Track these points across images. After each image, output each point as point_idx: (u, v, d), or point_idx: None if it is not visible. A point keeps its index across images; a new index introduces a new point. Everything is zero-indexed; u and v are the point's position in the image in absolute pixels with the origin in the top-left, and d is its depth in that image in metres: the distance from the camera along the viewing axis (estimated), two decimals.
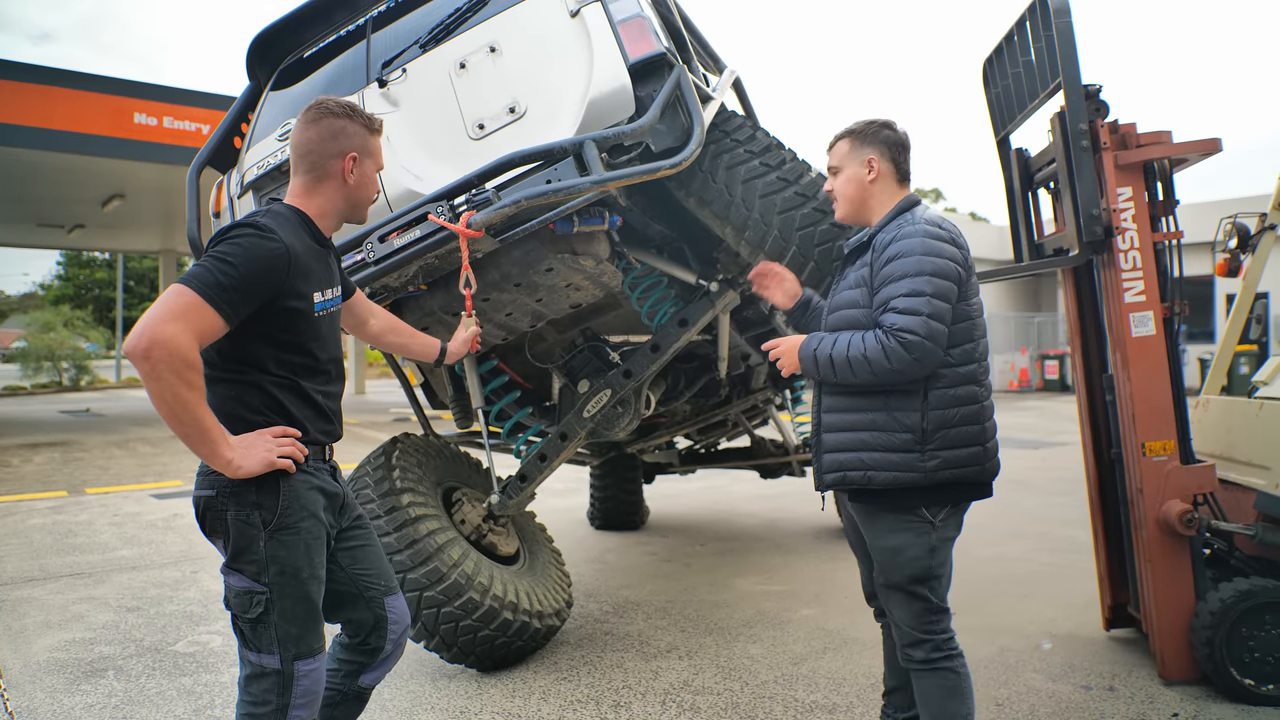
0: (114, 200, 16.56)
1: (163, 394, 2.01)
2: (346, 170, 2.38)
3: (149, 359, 1.98)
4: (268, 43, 4.22)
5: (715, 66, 4.86)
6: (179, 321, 2.02)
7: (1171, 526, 3.52)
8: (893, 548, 2.54)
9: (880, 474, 2.50)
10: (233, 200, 4.01)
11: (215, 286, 2.08)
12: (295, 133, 2.41)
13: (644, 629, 4.49)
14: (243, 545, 2.20)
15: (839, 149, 2.71)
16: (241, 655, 2.27)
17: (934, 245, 2.47)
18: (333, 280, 2.42)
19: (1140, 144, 3.61)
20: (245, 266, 2.12)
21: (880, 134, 2.65)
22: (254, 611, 2.21)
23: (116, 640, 4.43)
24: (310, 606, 2.27)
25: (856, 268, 2.60)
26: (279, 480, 2.22)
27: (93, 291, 50.07)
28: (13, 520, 7.54)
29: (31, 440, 13.65)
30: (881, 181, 2.64)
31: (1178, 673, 3.61)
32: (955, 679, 2.55)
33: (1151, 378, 3.60)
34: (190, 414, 2.04)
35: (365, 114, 2.45)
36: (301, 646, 2.24)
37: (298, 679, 2.23)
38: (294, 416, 2.29)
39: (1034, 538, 6.47)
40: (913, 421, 2.48)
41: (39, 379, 27.46)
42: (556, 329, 4.35)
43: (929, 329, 2.38)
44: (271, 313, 2.20)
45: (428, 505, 3.88)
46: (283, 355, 2.26)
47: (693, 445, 6.85)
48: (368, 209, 2.53)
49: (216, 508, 2.22)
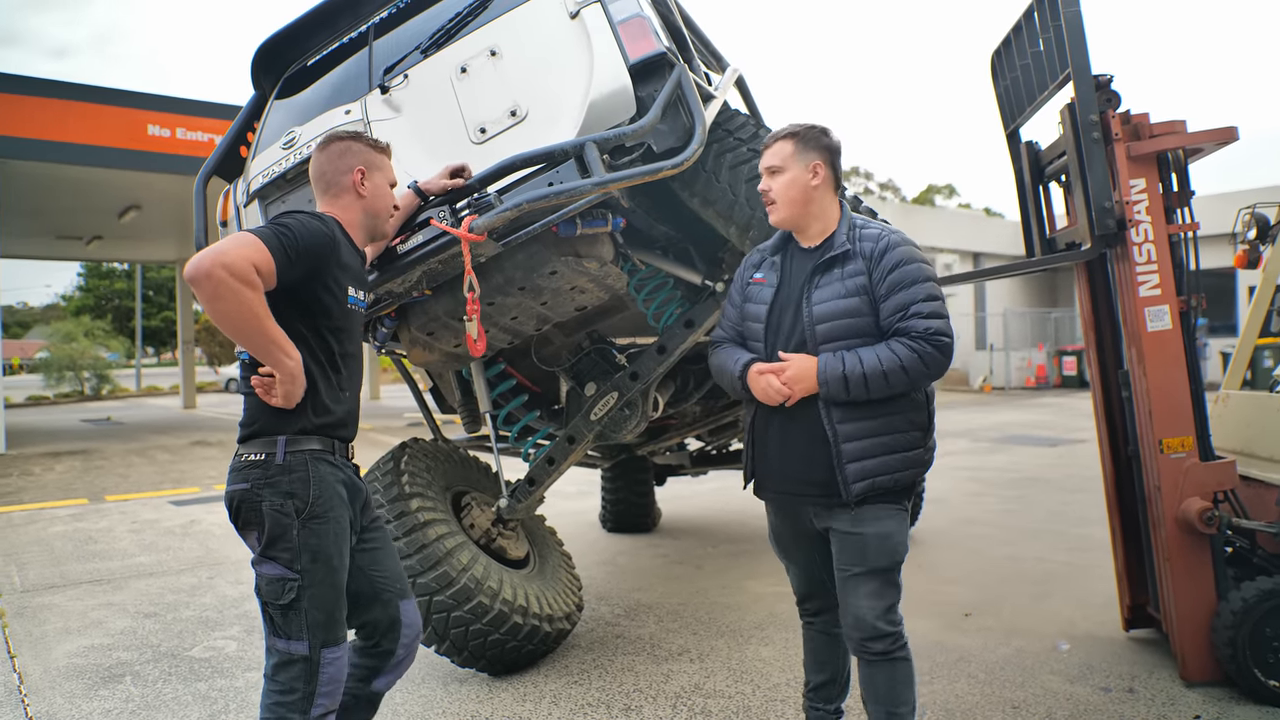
0: (130, 211, 16.68)
1: (227, 310, 2.16)
2: (358, 183, 2.57)
3: (211, 278, 2.11)
4: (272, 52, 4.22)
5: (718, 65, 4.82)
6: (239, 250, 2.18)
7: (1191, 524, 3.46)
8: (883, 534, 2.58)
9: (904, 474, 2.58)
10: (239, 209, 4.01)
11: (273, 238, 2.25)
12: (310, 165, 2.62)
13: (655, 632, 4.46)
14: (277, 533, 2.32)
15: (780, 149, 2.68)
16: (269, 646, 2.37)
17: (920, 253, 2.61)
18: (364, 282, 2.61)
19: (1153, 134, 3.55)
20: (301, 233, 2.31)
21: (823, 139, 2.68)
22: (286, 598, 2.31)
23: (134, 646, 4.45)
24: (338, 594, 2.40)
25: (840, 277, 2.59)
26: (311, 470, 2.35)
27: (112, 301, 50.59)
28: (35, 528, 7.61)
29: (54, 449, 13.78)
30: (823, 187, 2.67)
31: (1199, 674, 3.55)
32: (908, 667, 2.64)
33: (1168, 373, 3.54)
34: (257, 324, 2.20)
35: (370, 137, 2.67)
36: (328, 634, 2.35)
37: (323, 666, 2.34)
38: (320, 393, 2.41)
39: (1051, 536, 6.40)
40: (921, 419, 2.63)
41: (61, 388, 27.81)
42: (563, 332, 4.33)
43: (951, 329, 2.54)
44: (310, 291, 2.36)
45: (437, 510, 3.87)
46: (311, 339, 2.39)
47: (704, 447, 6.81)
48: (389, 223, 2.74)
49: (252, 499, 2.34)
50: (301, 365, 2.30)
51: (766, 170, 2.71)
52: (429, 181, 3.23)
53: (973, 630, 4.36)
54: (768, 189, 2.70)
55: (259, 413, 2.37)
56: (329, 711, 2.36)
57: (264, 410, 2.35)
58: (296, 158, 3.69)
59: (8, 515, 8.25)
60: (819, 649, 2.90)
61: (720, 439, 6.56)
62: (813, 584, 2.85)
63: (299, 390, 2.31)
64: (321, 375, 2.41)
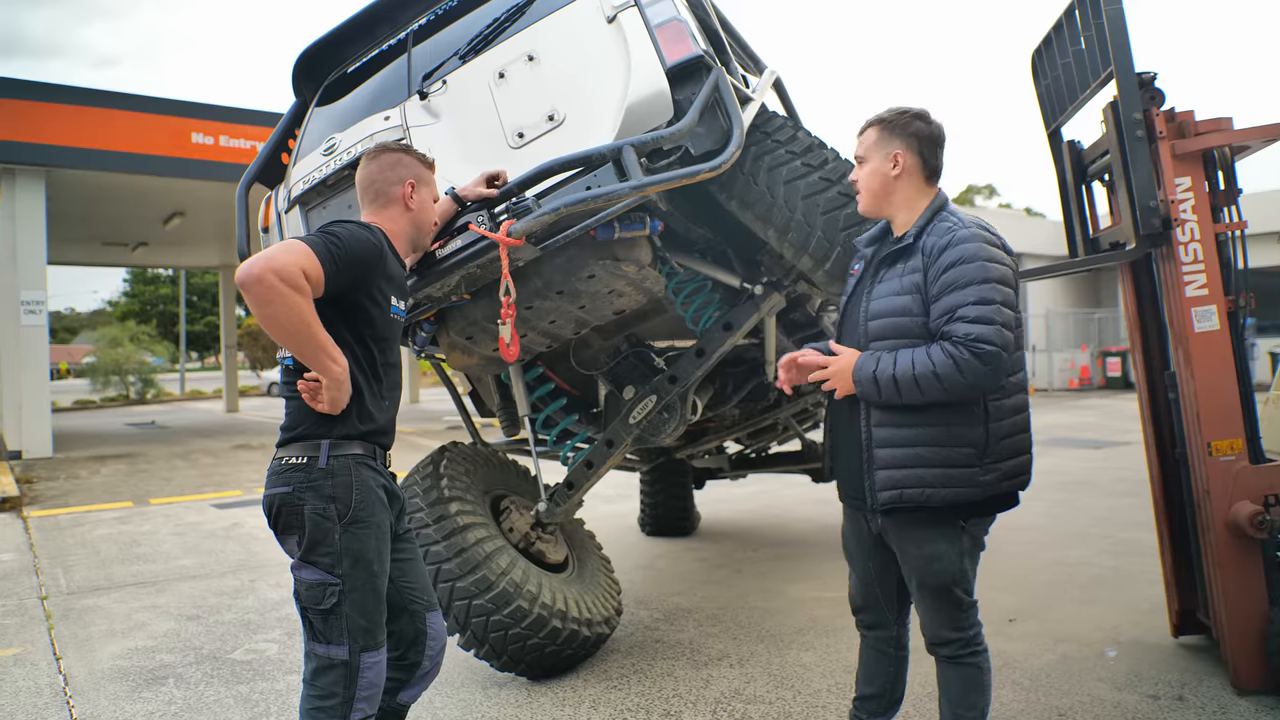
0: (175, 218, 16.98)
1: (276, 315, 2.17)
2: (407, 195, 2.60)
3: (262, 282, 2.13)
4: (312, 60, 4.28)
5: (755, 68, 4.81)
6: (289, 256, 2.20)
7: (1241, 529, 3.39)
8: (929, 555, 2.48)
9: (940, 491, 2.40)
10: (280, 215, 4.06)
11: (321, 246, 2.27)
12: (358, 173, 2.64)
13: (695, 636, 4.45)
14: (318, 538, 2.32)
15: (866, 137, 2.58)
16: (308, 650, 2.37)
17: (993, 252, 2.37)
18: (406, 293, 2.63)
19: (1199, 132, 3.48)
20: (349, 242, 2.33)
21: (911, 125, 2.50)
22: (327, 603, 2.31)
23: (177, 648, 4.52)
24: (378, 599, 2.39)
25: (901, 273, 2.46)
26: (354, 475, 2.36)
27: (157, 307, 51.59)
28: (81, 530, 7.76)
29: (99, 452, 14.05)
30: (906, 177, 2.51)
31: (1251, 682, 3.46)
32: (978, 673, 2.57)
33: (1216, 374, 3.47)
34: (306, 329, 2.22)
35: (419, 151, 2.71)
36: (368, 639, 2.35)
37: (363, 671, 2.33)
38: (365, 400, 2.43)
39: (1097, 540, 6.29)
40: (975, 436, 2.39)
41: (107, 392, 28.33)
42: (601, 335, 4.34)
43: (1003, 338, 2.30)
44: (356, 300, 2.38)
45: (476, 513, 3.89)
46: (356, 347, 2.41)
47: (743, 450, 6.79)
48: (430, 236, 2.77)
49: (293, 502, 2.34)
50: (348, 371, 2.32)
51: (855, 159, 2.63)
52: (466, 188, 3.25)
53: (1017, 636, 4.30)
54: (855, 179, 2.62)
55: (303, 417, 2.38)
56: (368, 716, 2.36)
57: (308, 415, 2.37)
58: (336, 164, 3.73)
59: (55, 518, 8.43)
60: (870, 663, 2.80)
61: (759, 442, 6.54)
62: (868, 595, 2.75)
63: (345, 396, 2.33)
64: (366, 382, 2.42)
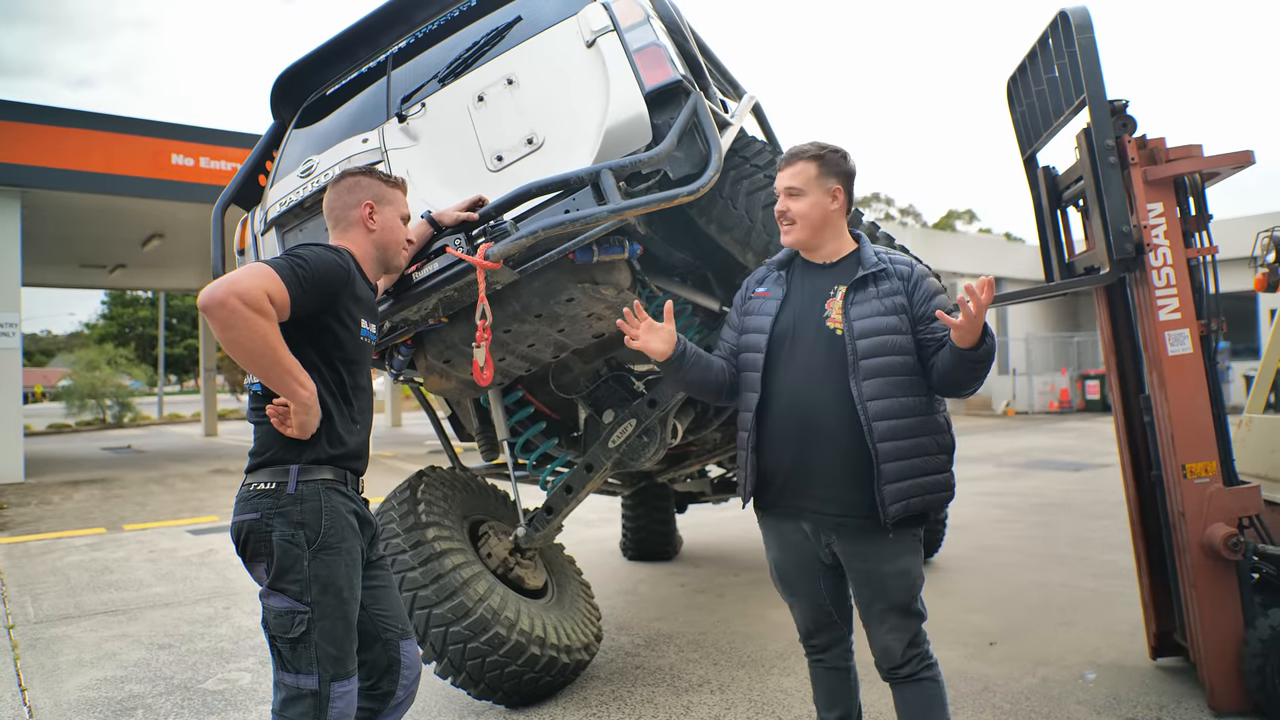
0: (154, 240, 16.87)
1: (240, 339, 2.14)
2: (366, 217, 2.58)
3: (224, 306, 2.11)
4: (291, 81, 4.27)
5: (734, 92, 4.85)
6: (253, 279, 2.18)
7: (1216, 551, 3.41)
8: (903, 570, 2.59)
9: (934, 497, 2.55)
10: (256, 237, 4.04)
11: (287, 269, 2.26)
12: (324, 199, 2.65)
13: (676, 662, 4.42)
14: (287, 565, 2.28)
15: (804, 171, 2.64)
16: (277, 680, 2.32)
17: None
18: (375, 315, 2.62)
19: (1170, 159, 3.54)
20: (315, 263, 2.32)
21: (844, 164, 2.69)
22: (295, 631, 2.27)
23: (147, 678, 4.43)
24: (349, 627, 2.35)
25: (879, 295, 2.59)
26: (323, 500, 2.33)
27: (135, 329, 51.07)
28: (51, 558, 7.63)
29: (73, 477, 13.86)
30: (840, 211, 2.69)
31: (1228, 703, 3.47)
32: (936, 688, 2.63)
33: (1190, 397, 3.50)
34: (270, 353, 2.19)
35: (384, 173, 2.69)
36: (338, 668, 2.31)
37: (333, 701, 2.29)
38: (335, 424, 2.40)
39: (1076, 563, 6.31)
40: (947, 442, 2.61)
41: (83, 416, 27.96)
42: (581, 359, 4.32)
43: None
44: (324, 323, 2.37)
45: (454, 539, 3.85)
46: (324, 370, 2.39)
47: (725, 474, 6.77)
48: (401, 256, 2.73)
49: (261, 529, 2.30)
50: (316, 395, 2.30)
51: (786, 191, 2.67)
52: (443, 212, 3.24)
53: (997, 659, 4.29)
54: (786, 209, 2.67)
55: (271, 441, 2.35)
56: None
57: (278, 440, 2.34)
58: (314, 186, 3.72)
59: (24, 545, 8.28)
60: (831, 686, 2.82)
61: None
62: (819, 619, 2.77)
63: (314, 420, 2.30)
64: (335, 406, 2.40)
